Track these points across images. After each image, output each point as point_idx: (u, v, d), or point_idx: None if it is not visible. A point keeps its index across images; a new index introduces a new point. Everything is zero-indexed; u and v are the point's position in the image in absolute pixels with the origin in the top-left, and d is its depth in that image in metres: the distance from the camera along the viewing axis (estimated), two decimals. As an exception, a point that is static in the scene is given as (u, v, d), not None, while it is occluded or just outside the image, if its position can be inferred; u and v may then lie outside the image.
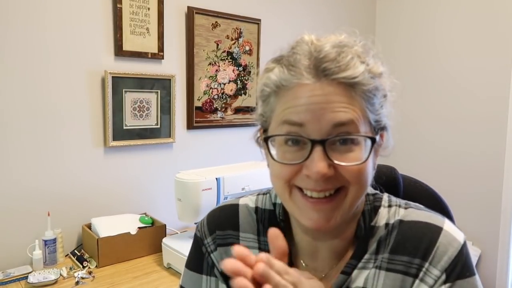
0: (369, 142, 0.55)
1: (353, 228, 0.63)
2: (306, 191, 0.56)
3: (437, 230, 0.58)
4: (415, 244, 0.58)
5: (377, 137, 0.57)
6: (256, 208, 0.70)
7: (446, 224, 0.59)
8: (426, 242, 0.57)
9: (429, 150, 2.72)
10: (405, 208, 0.63)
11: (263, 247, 0.67)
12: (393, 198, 0.66)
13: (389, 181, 0.84)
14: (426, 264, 0.56)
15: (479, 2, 2.44)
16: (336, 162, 0.53)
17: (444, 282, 0.55)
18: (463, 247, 0.57)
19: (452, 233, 0.58)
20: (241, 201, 0.73)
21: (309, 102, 0.54)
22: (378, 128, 0.58)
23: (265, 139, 0.59)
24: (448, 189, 2.36)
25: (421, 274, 0.56)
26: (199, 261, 0.72)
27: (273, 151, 0.58)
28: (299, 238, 0.66)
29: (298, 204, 0.57)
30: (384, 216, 0.63)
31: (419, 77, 2.75)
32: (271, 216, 0.69)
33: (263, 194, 0.73)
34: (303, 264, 0.65)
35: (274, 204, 0.69)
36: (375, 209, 0.64)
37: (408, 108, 2.77)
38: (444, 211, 0.79)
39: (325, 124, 0.53)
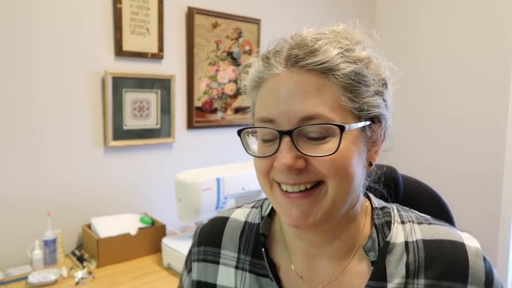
0: (350, 132, 0.52)
1: (351, 233, 0.60)
2: (282, 185, 0.55)
3: (463, 247, 0.56)
4: (449, 267, 0.55)
5: (360, 125, 0.54)
6: (245, 222, 0.69)
7: (465, 237, 0.58)
8: (460, 263, 0.55)
9: (429, 150, 2.72)
10: (419, 224, 0.60)
11: (241, 265, 0.65)
12: (403, 213, 0.63)
13: (389, 181, 0.83)
14: (469, 286, 0.55)
15: (480, 1, 2.44)
16: (305, 153, 0.52)
17: None
18: (483, 254, 0.57)
19: (472, 245, 0.57)
20: (233, 215, 0.72)
21: (279, 94, 0.53)
22: (365, 118, 0.55)
23: (239, 133, 0.58)
24: (448, 189, 2.35)
25: None
26: (187, 259, 0.74)
27: (255, 146, 0.58)
28: (293, 245, 0.63)
29: (278, 200, 0.56)
30: (399, 233, 0.59)
31: (419, 77, 2.75)
32: (257, 230, 0.67)
33: (256, 207, 0.72)
34: (298, 276, 0.61)
35: (262, 218, 0.68)
36: (387, 224, 0.60)
37: (408, 107, 2.77)
38: (444, 211, 0.79)
39: (293, 116, 0.52)
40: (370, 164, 0.59)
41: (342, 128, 0.51)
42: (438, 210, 0.79)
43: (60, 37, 1.66)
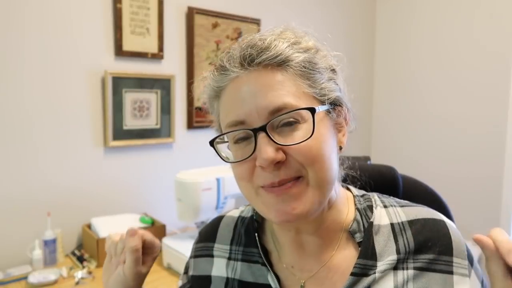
0: (319, 116, 0.54)
1: (334, 218, 0.61)
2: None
3: (444, 224, 0.60)
4: (435, 242, 0.58)
5: (326, 108, 0.56)
6: (239, 217, 0.72)
7: (443, 217, 0.62)
8: (444, 238, 0.58)
9: (429, 150, 2.72)
10: (401, 207, 0.63)
11: (233, 256, 0.68)
12: (384, 199, 0.65)
13: (389, 181, 0.84)
14: (454, 259, 0.57)
15: (480, 2, 2.44)
16: (283, 144, 0.52)
17: (471, 266, 0.58)
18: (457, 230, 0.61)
19: (449, 222, 0.61)
20: (229, 213, 0.75)
21: (242, 95, 0.54)
22: (328, 103, 0.57)
23: (211, 143, 0.58)
24: (448, 189, 2.36)
25: (454, 269, 0.57)
26: (187, 261, 0.77)
27: (229, 155, 0.59)
28: (283, 238, 0.64)
29: (264, 201, 0.56)
30: (383, 216, 0.61)
31: (419, 77, 2.75)
32: (249, 222, 0.70)
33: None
34: (289, 267, 0.63)
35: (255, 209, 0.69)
36: (369, 208, 0.63)
37: (408, 109, 2.77)
38: (444, 210, 0.79)
39: (261, 112, 0.53)
40: (340, 148, 0.61)
41: (313, 111, 0.53)
42: (438, 210, 0.79)
43: (60, 37, 1.66)
